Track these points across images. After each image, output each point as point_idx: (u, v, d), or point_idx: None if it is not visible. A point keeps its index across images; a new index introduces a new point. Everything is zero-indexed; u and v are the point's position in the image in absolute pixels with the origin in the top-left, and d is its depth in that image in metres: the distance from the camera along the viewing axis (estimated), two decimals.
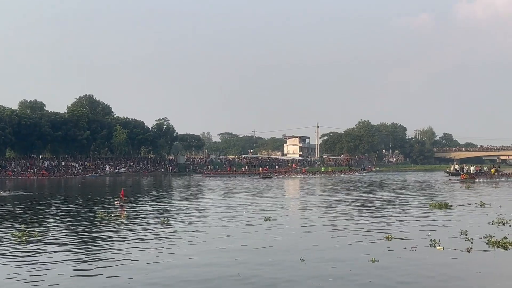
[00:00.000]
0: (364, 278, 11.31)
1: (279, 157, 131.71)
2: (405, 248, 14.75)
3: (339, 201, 32.16)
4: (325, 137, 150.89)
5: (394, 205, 29.28)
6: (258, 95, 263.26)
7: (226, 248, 15.11)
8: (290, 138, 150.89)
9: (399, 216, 23.10)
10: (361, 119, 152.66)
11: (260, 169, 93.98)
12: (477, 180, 59.35)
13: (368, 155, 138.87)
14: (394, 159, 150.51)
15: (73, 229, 19.38)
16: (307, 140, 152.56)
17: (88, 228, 19.77)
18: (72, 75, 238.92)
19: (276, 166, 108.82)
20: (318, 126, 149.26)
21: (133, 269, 12.36)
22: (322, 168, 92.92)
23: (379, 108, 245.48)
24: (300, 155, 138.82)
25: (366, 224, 20.16)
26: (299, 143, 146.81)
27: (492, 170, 66.87)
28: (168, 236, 17.39)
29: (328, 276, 11.45)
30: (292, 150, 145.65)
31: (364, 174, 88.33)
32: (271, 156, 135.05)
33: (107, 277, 11.62)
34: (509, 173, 65.28)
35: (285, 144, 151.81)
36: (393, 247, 15.00)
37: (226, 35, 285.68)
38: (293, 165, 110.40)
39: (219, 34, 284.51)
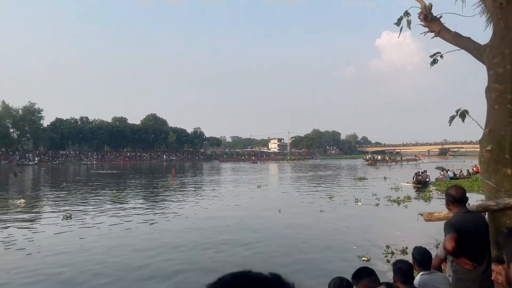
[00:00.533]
0: (315, 221, 11.36)
1: (266, 151, 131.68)
2: (340, 203, 14.76)
3: (301, 176, 32.13)
4: (293, 139, 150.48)
5: (334, 178, 29.31)
6: (259, 103, 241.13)
7: (237, 204, 15.03)
8: (272, 139, 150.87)
9: (337, 185, 23.03)
10: (314, 128, 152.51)
11: (253, 157, 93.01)
12: (378, 164, 58.74)
13: (318, 149, 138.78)
14: (333, 152, 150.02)
15: (146, 193, 19.29)
16: (283, 140, 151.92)
17: (154, 193, 19.65)
18: (142, 100, 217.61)
19: (264, 156, 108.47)
20: (289, 132, 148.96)
21: (182, 218, 12.31)
22: (288, 157, 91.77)
23: (325, 121, 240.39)
24: (278, 150, 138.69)
25: (317, 190, 20.12)
26: (278, 142, 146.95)
27: (387, 158, 66.96)
28: (201, 196, 17.35)
29: (295, 223, 11.40)
30: (273, 146, 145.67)
31: (313, 160, 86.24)
32: (261, 150, 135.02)
33: (166, 221, 11.64)
34: (397, 160, 65.28)
35: (269, 143, 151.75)
36: (333, 203, 15.02)
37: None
38: (273, 155, 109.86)
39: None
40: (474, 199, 9.10)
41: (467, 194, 3.09)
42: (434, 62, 3.33)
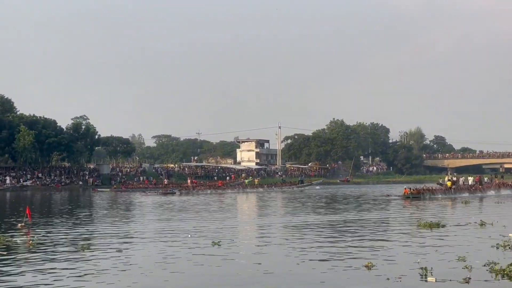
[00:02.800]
0: None
1: (231, 166, 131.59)
2: (388, 279, 14.89)
3: (303, 222, 32.33)
4: (289, 141, 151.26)
5: (375, 224, 29.76)
6: (203, 88, 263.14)
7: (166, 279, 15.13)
8: (244, 141, 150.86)
9: (380, 239, 23.43)
10: (334, 118, 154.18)
11: (188, 181, 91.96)
12: (467, 194, 59.36)
13: (343, 163, 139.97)
14: (375, 168, 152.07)
15: None
16: (266, 145, 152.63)
17: None
18: None
19: (227, 178, 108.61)
20: (279, 127, 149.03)
21: None
22: (246, 181, 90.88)
23: (355, 105, 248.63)
24: (257, 163, 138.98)
25: (340, 248, 20.35)
26: (256, 148, 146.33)
27: (496, 180, 68.21)
28: (90, 268, 17.19)
29: None
30: (247, 157, 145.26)
31: (303, 187, 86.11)
32: (221, 165, 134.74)
33: None
34: (509, 184, 66.60)
35: (238, 150, 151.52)
36: (373, 277, 15.19)
37: (160, 15, 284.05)
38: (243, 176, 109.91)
39: (153, 13, 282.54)
40: None
41: None
42: None
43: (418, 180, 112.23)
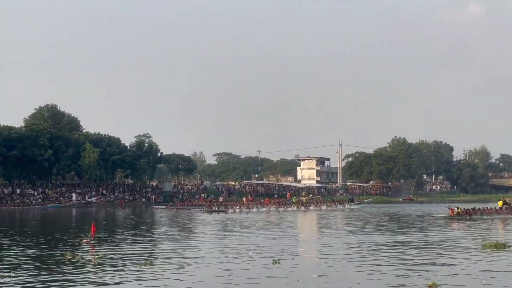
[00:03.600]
0: None
1: (291, 184, 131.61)
2: None
3: (364, 241, 32.06)
4: (350, 159, 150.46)
5: (438, 243, 29.31)
6: (264, 106, 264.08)
7: None
8: (305, 160, 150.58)
9: (443, 258, 23.05)
10: (396, 136, 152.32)
11: (244, 198, 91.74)
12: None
13: (405, 181, 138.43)
14: (438, 186, 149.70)
15: (33, 276, 19.38)
16: (327, 163, 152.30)
17: (51, 273, 19.76)
18: (31, 80, 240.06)
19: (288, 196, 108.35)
20: (340, 145, 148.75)
21: None
22: (293, 198, 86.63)
23: (418, 123, 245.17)
24: (317, 181, 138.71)
25: (402, 268, 20.14)
26: (317, 166, 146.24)
27: None
28: (153, 284, 17.42)
29: None
30: (307, 174, 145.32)
31: (354, 206, 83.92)
32: (281, 183, 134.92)
33: None
34: None
35: (298, 168, 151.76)
36: None
37: (222, 34, 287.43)
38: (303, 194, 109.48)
39: (215, 32, 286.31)
40: None
41: None
42: None
43: (483, 200, 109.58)
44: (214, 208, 72.10)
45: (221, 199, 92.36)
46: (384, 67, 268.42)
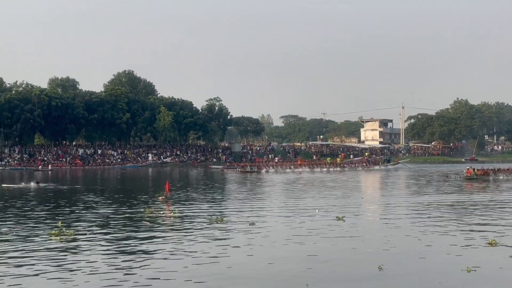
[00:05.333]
0: None
1: (355, 145, 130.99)
2: (511, 256, 14.67)
3: (420, 201, 31.76)
4: (412, 120, 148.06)
5: (500, 204, 28.84)
6: (329, 69, 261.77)
7: (293, 254, 15.46)
8: (368, 121, 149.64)
9: (506, 218, 22.71)
10: (457, 98, 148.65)
11: (275, 158, 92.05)
12: None
13: (467, 142, 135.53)
14: (500, 147, 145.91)
15: (113, 229, 20.16)
16: (390, 124, 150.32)
17: (129, 227, 20.55)
18: (109, 48, 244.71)
19: (351, 156, 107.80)
20: (403, 107, 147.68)
21: (182, 276, 12.89)
22: (328, 159, 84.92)
23: (480, 84, 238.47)
24: (380, 142, 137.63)
25: (461, 227, 20.00)
26: (380, 127, 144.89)
27: None
28: (224, 238, 17.88)
29: None
30: (370, 136, 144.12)
31: (389, 166, 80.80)
32: (345, 144, 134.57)
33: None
34: None
35: (362, 129, 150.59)
36: (495, 254, 14.93)
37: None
38: (366, 156, 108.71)
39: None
40: None
41: None
42: None
43: None
44: (247, 169, 70.82)
45: (276, 159, 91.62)
46: (448, 29, 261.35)
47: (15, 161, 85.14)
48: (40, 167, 79.59)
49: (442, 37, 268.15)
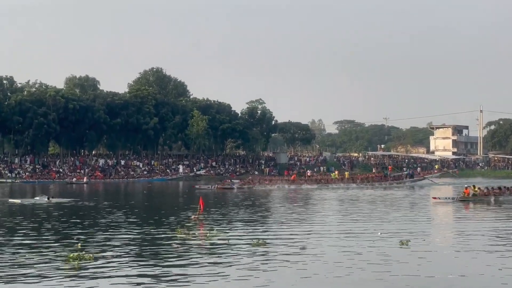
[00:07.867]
0: None
1: (423, 156, 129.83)
2: None
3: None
4: (492, 127, 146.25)
5: None
6: (392, 67, 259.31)
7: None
8: (439, 128, 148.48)
9: None
10: None
11: (307, 172, 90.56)
12: None
13: None
14: None
15: (139, 253, 20.43)
16: (465, 131, 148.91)
17: (159, 251, 20.72)
18: (135, 42, 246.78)
19: (418, 169, 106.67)
20: (481, 111, 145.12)
21: None
22: (332, 174, 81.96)
23: None
24: (454, 153, 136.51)
25: None
26: (453, 135, 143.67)
27: None
28: (268, 265, 17.92)
29: None
30: (442, 145, 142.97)
31: (408, 183, 76.50)
32: (411, 154, 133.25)
33: None
34: None
35: (431, 137, 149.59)
36: None
37: None
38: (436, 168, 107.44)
39: None
40: None
41: None
42: None
43: None
44: (226, 185, 68.09)
45: (308, 173, 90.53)
46: None
47: (27, 173, 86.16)
48: (74, 179, 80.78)
49: None
